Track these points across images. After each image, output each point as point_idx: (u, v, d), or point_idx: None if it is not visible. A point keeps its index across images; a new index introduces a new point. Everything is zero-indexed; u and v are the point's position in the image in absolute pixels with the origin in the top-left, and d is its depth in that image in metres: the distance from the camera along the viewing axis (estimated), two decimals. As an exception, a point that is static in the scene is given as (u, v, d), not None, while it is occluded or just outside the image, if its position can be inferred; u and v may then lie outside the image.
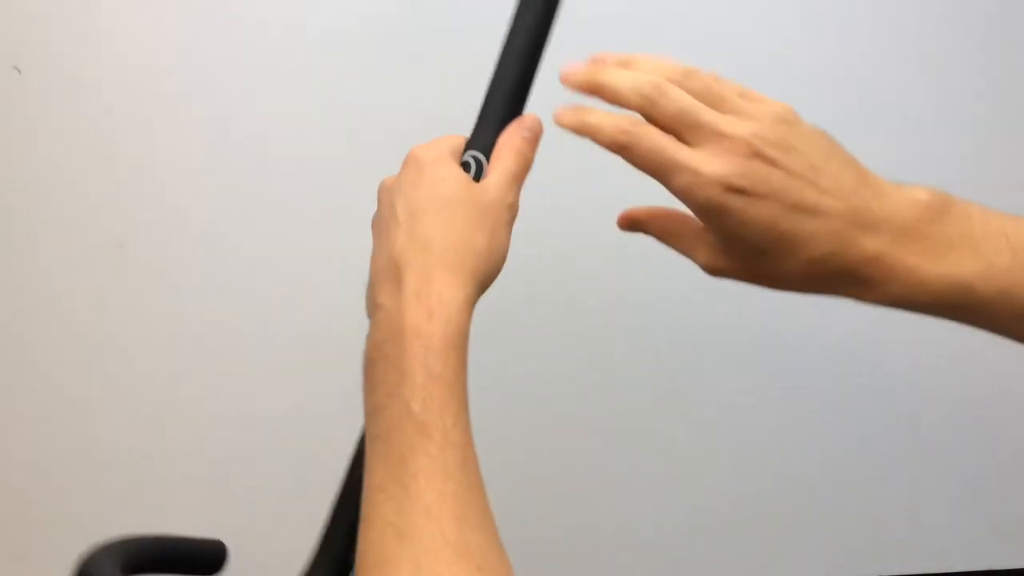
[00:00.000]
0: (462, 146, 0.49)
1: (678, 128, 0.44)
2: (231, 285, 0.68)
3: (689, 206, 0.44)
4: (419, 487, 0.38)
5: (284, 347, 0.73)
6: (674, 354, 0.76)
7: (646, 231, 0.49)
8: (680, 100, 0.44)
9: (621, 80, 0.45)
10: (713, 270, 0.46)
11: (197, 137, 0.72)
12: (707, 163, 0.42)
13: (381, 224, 0.47)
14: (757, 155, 0.42)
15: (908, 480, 0.77)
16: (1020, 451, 0.77)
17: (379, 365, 0.42)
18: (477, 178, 0.48)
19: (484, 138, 0.49)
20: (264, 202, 0.73)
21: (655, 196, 0.46)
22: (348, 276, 0.72)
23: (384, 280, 0.44)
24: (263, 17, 0.72)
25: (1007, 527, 0.78)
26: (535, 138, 0.50)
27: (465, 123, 0.50)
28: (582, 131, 0.45)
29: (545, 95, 0.49)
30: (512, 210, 0.48)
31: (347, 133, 0.73)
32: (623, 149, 0.45)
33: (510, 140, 0.49)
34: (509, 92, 0.50)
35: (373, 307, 0.44)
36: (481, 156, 0.49)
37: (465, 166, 0.48)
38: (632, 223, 0.50)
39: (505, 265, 0.47)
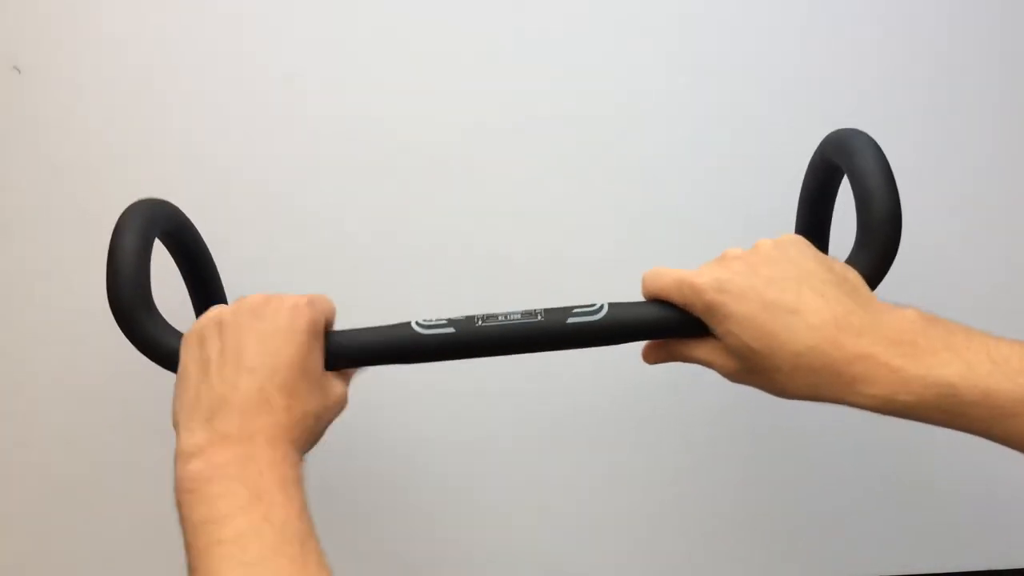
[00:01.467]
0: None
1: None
2: (233, 286, 0.68)
3: (697, 312, 0.51)
4: None
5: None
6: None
7: (672, 359, 0.56)
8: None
9: None
10: (727, 373, 0.53)
11: (198, 137, 0.72)
12: (702, 275, 0.51)
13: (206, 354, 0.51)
14: (746, 265, 0.50)
15: (908, 479, 0.77)
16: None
17: (221, 482, 0.46)
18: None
19: None
20: (266, 202, 0.73)
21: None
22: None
23: (229, 413, 0.49)
24: (264, 17, 0.72)
25: (1007, 527, 0.78)
26: None
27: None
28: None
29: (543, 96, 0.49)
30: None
31: (346, 133, 0.73)
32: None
33: None
34: None
35: (215, 433, 0.48)
36: None
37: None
38: (657, 356, 0.57)
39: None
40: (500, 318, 0.53)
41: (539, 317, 0.53)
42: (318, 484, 0.51)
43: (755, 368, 0.50)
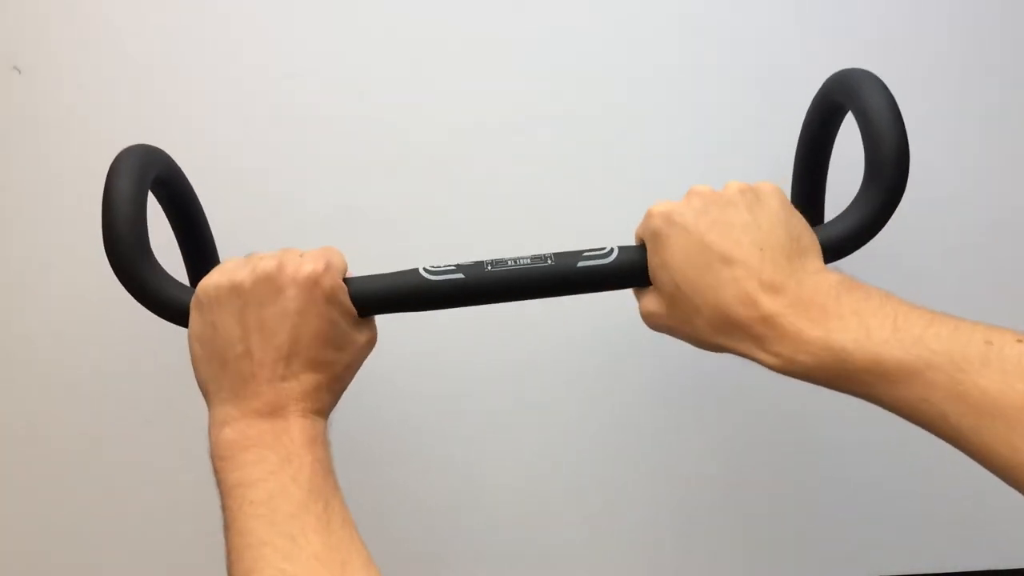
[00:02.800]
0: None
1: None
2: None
3: (646, 241, 0.53)
4: (308, 539, 0.45)
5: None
6: (674, 345, 0.76)
7: None
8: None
9: None
10: (649, 320, 0.54)
11: (198, 137, 0.72)
12: (659, 204, 0.52)
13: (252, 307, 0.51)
14: (700, 201, 0.51)
15: (908, 479, 0.77)
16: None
17: (254, 451, 0.49)
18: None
19: None
20: (266, 202, 0.73)
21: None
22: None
23: (258, 391, 0.50)
24: (265, 17, 0.72)
25: (1007, 527, 0.78)
26: None
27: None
28: None
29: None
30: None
31: (347, 134, 0.73)
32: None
33: None
34: None
35: (246, 408, 0.50)
36: None
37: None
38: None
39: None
40: (509, 263, 0.53)
41: (549, 261, 0.53)
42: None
43: (677, 312, 0.51)
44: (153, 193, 0.58)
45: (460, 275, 0.53)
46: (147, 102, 0.72)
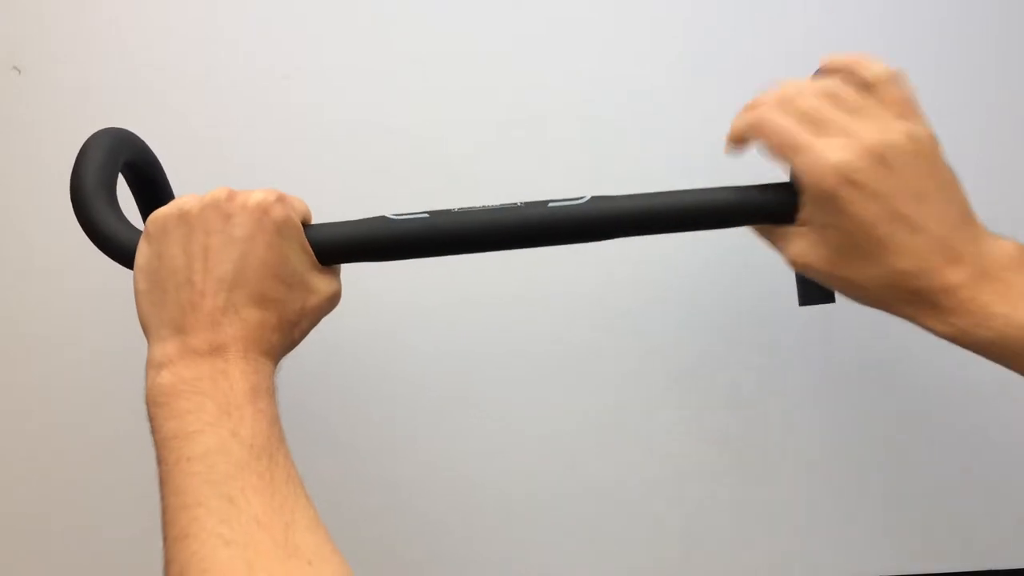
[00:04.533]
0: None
1: (811, 122, 0.47)
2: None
3: (804, 187, 0.47)
4: (247, 500, 0.42)
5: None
6: (678, 346, 0.76)
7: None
8: (813, 99, 0.48)
9: (764, 98, 0.50)
10: (800, 263, 0.49)
11: (198, 137, 0.72)
12: (831, 151, 0.46)
13: (196, 244, 0.49)
14: (879, 158, 0.45)
15: (908, 479, 0.77)
16: (1021, 450, 0.77)
17: (191, 397, 0.45)
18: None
19: None
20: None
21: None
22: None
23: (198, 325, 0.47)
24: (265, 17, 0.72)
25: (1008, 527, 0.78)
26: None
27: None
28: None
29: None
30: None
31: (347, 134, 0.73)
32: (755, 129, 0.49)
33: None
34: None
35: (184, 346, 0.47)
36: None
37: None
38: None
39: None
40: (479, 208, 0.52)
41: (519, 204, 0.52)
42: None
43: (842, 269, 0.48)
44: (125, 178, 0.57)
45: (425, 215, 0.51)
46: (147, 102, 0.72)
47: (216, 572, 0.40)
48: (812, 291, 0.64)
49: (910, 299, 0.47)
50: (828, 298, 0.64)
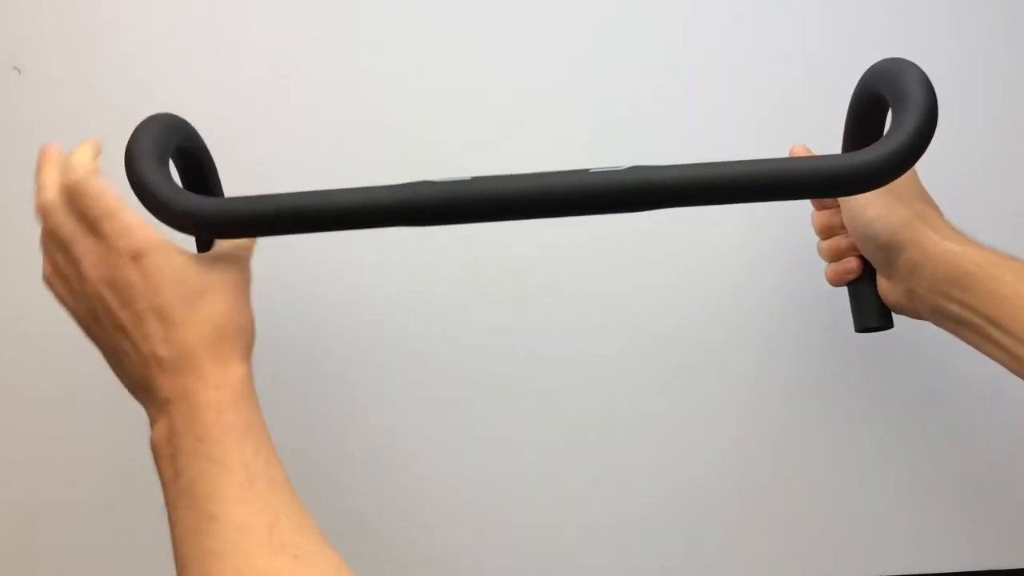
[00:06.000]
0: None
1: None
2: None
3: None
4: (229, 512, 0.45)
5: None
6: (674, 344, 0.76)
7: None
8: None
9: None
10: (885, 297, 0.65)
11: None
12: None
13: (110, 324, 0.51)
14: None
15: (907, 479, 0.77)
16: (1020, 450, 0.77)
17: (173, 440, 0.48)
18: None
19: None
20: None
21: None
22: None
23: (153, 375, 0.49)
24: (266, 17, 0.72)
25: (1007, 527, 0.78)
26: None
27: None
28: None
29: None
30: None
31: (347, 135, 0.73)
32: None
33: None
34: None
35: (157, 404, 0.49)
36: None
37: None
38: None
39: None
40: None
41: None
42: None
43: (892, 280, 0.63)
44: (174, 163, 0.57)
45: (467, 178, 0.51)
46: (148, 102, 0.71)
47: None
48: (871, 314, 0.65)
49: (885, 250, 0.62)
50: (887, 323, 0.65)
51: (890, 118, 0.51)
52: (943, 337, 0.62)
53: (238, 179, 0.72)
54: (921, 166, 0.51)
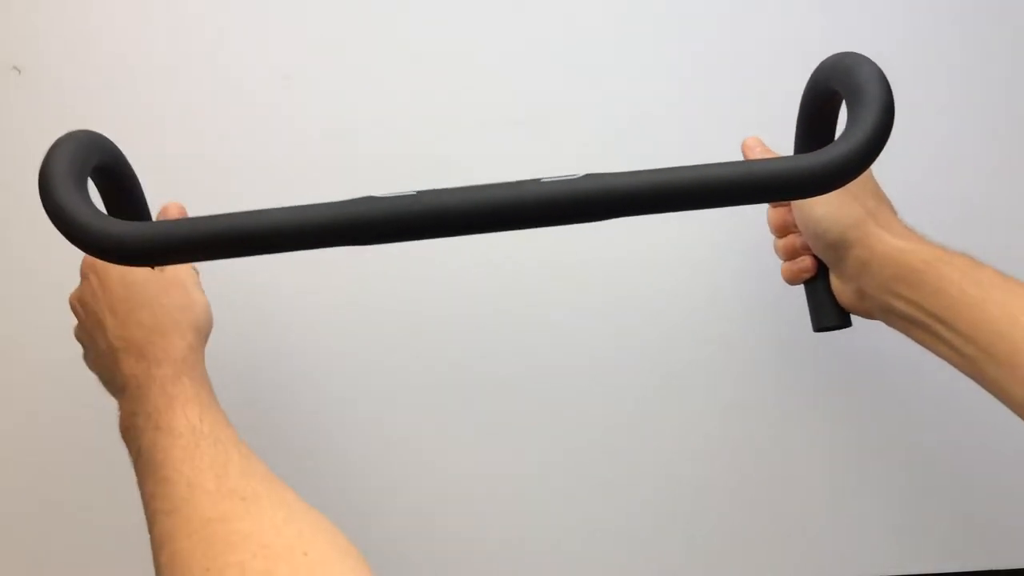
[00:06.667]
0: None
1: None
2: (231, 285, 0.68)
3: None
4: (178, 472, 0.48)
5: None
6: (670, 350, 0.76)
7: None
8: None
9: None
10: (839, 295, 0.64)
11: (198, 138, 0.72)
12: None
13: (86, 330, 0.60)
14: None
15: (908, 479, 0.77)
16: (1021, 450, 0.77)
17: (132, 421, 0.54)
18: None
19: None
20: (266, 204, 0.72)
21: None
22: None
23: (114, 365, 0.56)
24: (266, 17, 0.72)
25: (1008, 527, 0.78)
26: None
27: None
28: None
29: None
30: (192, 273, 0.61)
31: (348, 135, 0.73)
32: None
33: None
34: None
35: (118, 392, 0.56)
36: None
37: None
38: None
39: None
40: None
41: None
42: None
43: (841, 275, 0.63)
44: (94, 182, 0.55)
45: (413, 193, 0.46)
46: (148, 102, 0.72)
47: (165, 538, 0.46)
48: (826, 314, 0.64)
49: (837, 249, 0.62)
50: (844, 322, 0.65)
51: (844, 114, 0.50)
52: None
53: (239, 178, 0.73)
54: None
